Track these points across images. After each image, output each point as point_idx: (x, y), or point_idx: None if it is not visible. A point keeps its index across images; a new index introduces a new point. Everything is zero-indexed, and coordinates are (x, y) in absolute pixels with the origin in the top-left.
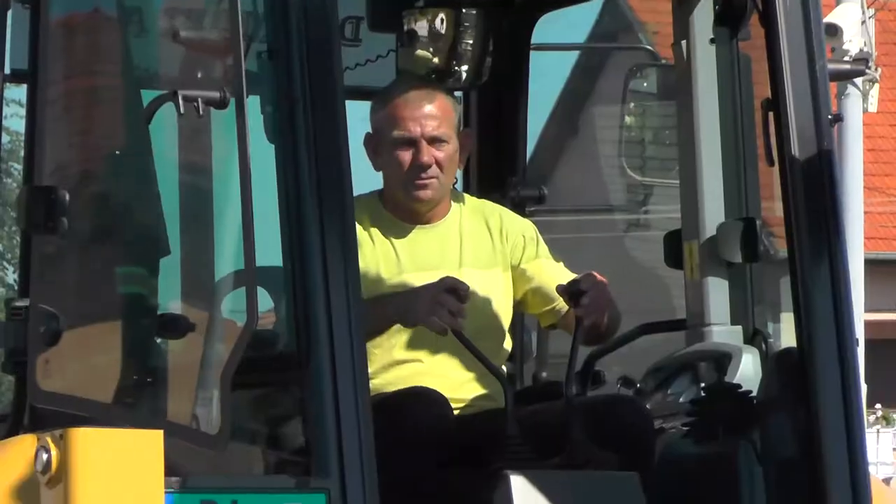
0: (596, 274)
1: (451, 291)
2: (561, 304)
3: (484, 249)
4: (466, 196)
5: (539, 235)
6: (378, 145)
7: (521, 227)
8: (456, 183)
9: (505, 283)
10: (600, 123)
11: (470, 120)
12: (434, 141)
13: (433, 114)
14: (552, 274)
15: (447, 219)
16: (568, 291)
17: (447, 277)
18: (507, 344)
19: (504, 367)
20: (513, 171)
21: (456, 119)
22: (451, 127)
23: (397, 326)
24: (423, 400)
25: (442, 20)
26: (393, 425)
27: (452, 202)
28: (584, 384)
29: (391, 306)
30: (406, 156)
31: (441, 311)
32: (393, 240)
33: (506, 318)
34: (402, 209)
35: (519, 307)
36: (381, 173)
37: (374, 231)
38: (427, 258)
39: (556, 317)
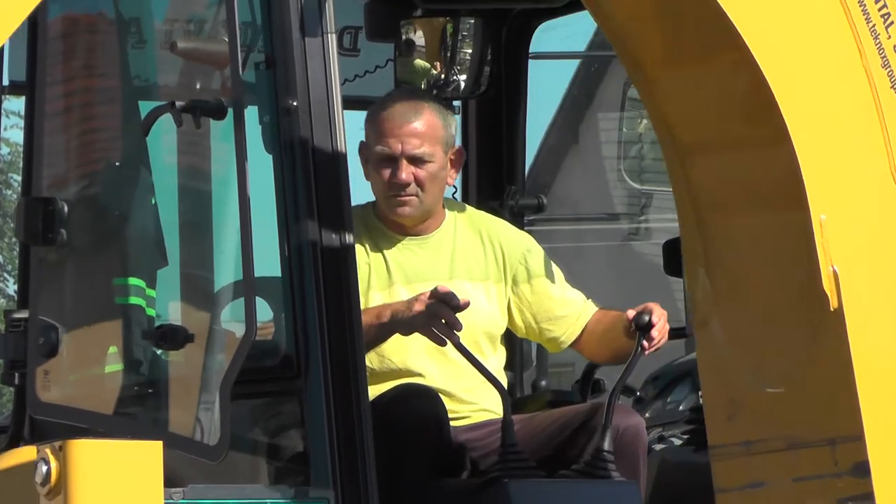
0: (657, 306)
1: (444, 301)
2: (566, 336)
3: (476, 262)
4: (467, 207)
5: (538, 249)
6: (367, 156)
7: (520, 244)
8: (456, 192)
9: (497, 294)
10: (599, 132)
11: (468, 128)
12: (414, 160)
13: (416, 132)
14: (550, 306)
15: (440, 231)
16: (637, 324)
17: (439, 287)
18: (501, 354)
19: (500, 376)
20: (512, 181)
21: (446, 134)
22: (438, 144)
23: (394, 339)
24: (416, 395)
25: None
26: (391, 421)
27: (449, 213)
28: (583, 392)
29: (386, 316)
30: (386, 172)
31: (437, 323)
32: (384, 251)
33: (498, 329)
34: (393, 221)
35: (518, 333)
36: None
37: (367, 242)
38: (417, 270)
39: (559, 346)
